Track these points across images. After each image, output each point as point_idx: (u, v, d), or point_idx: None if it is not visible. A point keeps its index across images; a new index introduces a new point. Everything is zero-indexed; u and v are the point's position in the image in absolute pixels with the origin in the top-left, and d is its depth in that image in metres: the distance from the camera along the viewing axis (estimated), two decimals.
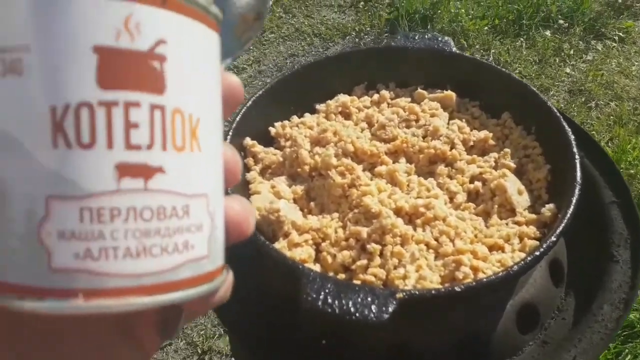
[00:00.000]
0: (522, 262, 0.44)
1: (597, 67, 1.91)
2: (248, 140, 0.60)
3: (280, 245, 0.50)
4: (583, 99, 1.81)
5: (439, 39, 0.63)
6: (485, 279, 0.42)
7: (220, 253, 0.20)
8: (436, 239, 0.50)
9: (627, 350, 1.11)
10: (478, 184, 0.56)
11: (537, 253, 0.44)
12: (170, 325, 0.24)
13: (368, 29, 2.15)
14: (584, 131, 0.65)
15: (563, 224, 0.46)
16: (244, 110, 0.60)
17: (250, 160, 0.60)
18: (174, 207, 0.17)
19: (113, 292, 0.16)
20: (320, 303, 0.41)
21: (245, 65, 1.99)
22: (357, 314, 0.40)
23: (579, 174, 0.50)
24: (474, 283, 0.42)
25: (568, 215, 0.47)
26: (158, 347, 0.26)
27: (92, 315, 0.19)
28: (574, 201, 0.48)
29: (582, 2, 2.10)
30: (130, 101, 0.16)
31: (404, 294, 0.41)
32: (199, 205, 0.18)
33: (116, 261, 0.16)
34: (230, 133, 0.57)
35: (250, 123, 0.61)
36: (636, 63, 1.91)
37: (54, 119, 0.16)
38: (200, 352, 1.21)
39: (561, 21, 2.08)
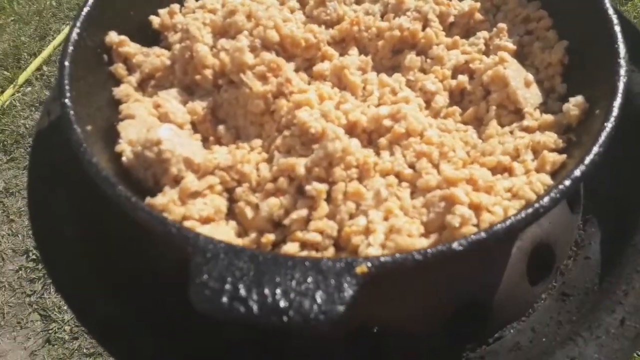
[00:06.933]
0: (554, 192, 0.27)
1: None
2: (113, 36, 0.39)
3: (167, 198, 0.31)
4: None
5: None
6: (500, 227, 0.26)
7: None
8: (412, 166, 0.33)
9: None
10: (463, 77, 0.39)
11: (577, 174, 0.28)
12: None
13: None
14: None
15: (610, 124, 0.29)
16: None
17: (119, 68, 0.39)
18: None
19: None
20: (225, 299, 0.24)
21: None
22: (292, 312, 0.23)
23: (621, 45, 0.33)
24: (483, 235, 0.25)
25: (614, 109, 0.30)
26: None
27: None
28: (620, 87, 0.31)
29: None
30: None
31: (369, 265, 0.24)
32: None
33: None
34: (77, 25, 0.36)
35: (115, 9, 0.39)
36: None
37: None
38: None
39: None
